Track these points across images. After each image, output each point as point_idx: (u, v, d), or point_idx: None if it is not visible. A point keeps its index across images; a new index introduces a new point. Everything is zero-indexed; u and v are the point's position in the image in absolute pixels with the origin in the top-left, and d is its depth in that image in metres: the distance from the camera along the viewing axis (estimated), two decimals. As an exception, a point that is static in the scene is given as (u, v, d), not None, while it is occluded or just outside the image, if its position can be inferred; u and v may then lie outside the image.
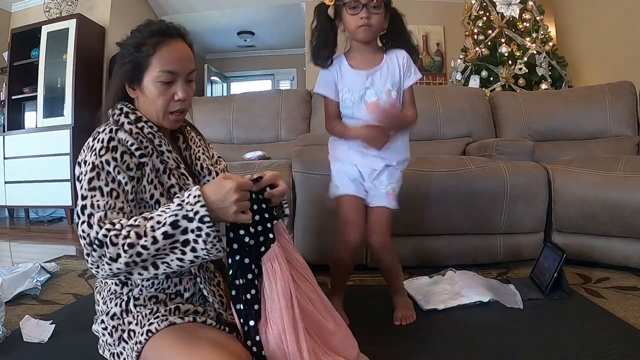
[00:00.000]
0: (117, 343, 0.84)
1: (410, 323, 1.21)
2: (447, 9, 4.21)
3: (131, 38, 0.87)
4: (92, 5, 3.95)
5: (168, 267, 0.74)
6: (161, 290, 0.88)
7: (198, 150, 1.01)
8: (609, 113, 2.38)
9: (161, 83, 0.85)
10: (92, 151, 0.82)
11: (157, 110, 0.88)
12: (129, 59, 0.86)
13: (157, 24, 0.88)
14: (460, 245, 1.72)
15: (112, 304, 0.86)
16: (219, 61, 6.56)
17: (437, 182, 1.63)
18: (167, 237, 0.71)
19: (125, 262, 0.71)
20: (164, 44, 0.85)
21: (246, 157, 2.11)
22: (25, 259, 2.14)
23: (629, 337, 1.07)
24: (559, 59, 3.40)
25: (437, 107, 2.43)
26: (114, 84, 0.90)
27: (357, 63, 1.15)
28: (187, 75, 0.88)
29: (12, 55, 3.77)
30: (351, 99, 1.14)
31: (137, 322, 0.82)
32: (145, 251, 0.71)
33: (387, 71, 1.14)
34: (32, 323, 1.20)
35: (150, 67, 0.84)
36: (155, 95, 0.86)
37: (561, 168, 1.74)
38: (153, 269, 0.74)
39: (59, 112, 3.57)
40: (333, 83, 1.16)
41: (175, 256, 0.73)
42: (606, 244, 1.65)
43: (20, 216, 4.02)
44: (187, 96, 0.88)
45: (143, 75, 0.86)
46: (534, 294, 1.36)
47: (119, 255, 0.71)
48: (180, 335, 0.78)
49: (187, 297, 0.90)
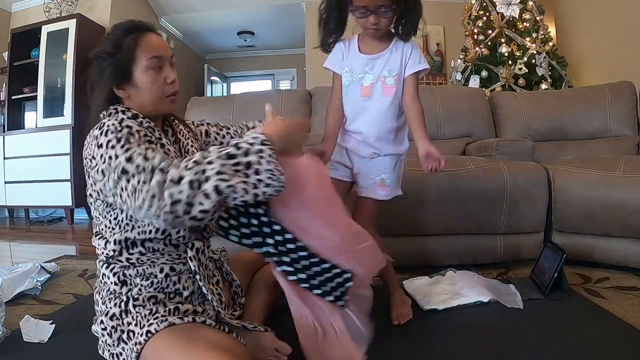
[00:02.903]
0: (117, 344, 0.84)
1: (408, 321, 1.21)
2: (447, 9, 4.21)
3: (105, 44, 0.89)
4: (92, 5, 3.95)
5: (233, 192, 0.70)
6: (160, 289, 0.88)
7: (187, 142, 1.03)
8: (609, 113, 2.38)
9: (153, 70, 0.89)
10: (106, 134, 0.80)
11: (153, 97, 0.90)
12: (110, 62, 0.88)
13: (126, 23, 0.91)
14: (460, 245, 1.72)
15: (111, 304, 0.86)
16: (219, 61, 6.56)
17: (437, 182, 1.63)
18: (230, 157, 0.72)
19: (189, 182, 0.69)
20: (142, 36, 0.89)
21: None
22: (25, 259, 2.14)
23: (629, 337, 1.07)
24: (559, 59, 3.40)
25: (437, 107, 2.43)
26: (100, 92, 0.90)
27: (364, 46, 1.16)
28: (170, 59, 0.93)
29: (12, 55, 3.77)
30: (349, 79, 1.15)
31: (137, 322, 0.82)
32: (210, 167, 0.70)
33: (389, 58, 1.13)
34: (32, 323, 1.19)
35: (137, 59, 0.88)
36: (149, 83, 0.89)
37: (561, 168, 1.74)
38: (215, 195, 0.69)
39: (59, 112, 3.57)
40: (340, 57, 1.17)
41: (239, 179, 0.71)
42: (606, 244, 1.65)
43: (20, 216, 4.03)
44: (176, 78, 0.93)
45: (132, 70, 0.88)
46: (534, 294, 1.36)
47: (181, 177, 0.69)
48: (180, 336, 0.78)
49: (187, 295, 0.90)
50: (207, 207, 0.70)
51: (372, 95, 1.12)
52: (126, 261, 0.88)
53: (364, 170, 1.18)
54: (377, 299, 1.37)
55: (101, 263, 0.92)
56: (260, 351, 0.94)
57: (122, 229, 0.87)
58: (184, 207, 0.69)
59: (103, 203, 0.87)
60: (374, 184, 1.17)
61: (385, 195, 1.18)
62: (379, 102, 1.12)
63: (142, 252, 0.88)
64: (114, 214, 0.87)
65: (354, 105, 1.14)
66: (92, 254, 2.31)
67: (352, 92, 1.14)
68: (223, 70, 6.50)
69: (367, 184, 1.18)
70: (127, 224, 0.87)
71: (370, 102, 1.13)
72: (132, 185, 0.72)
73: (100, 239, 0.90)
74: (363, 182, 1.18)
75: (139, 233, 0.86)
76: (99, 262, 0.93)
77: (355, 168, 1.19)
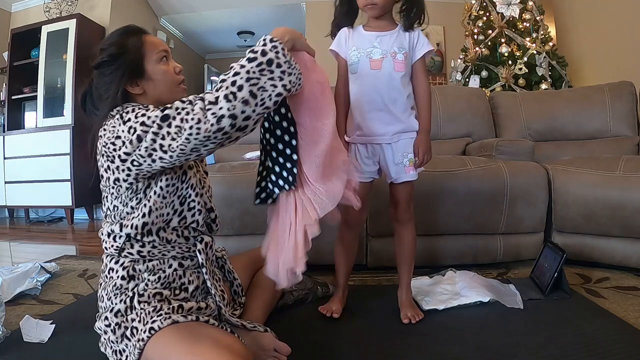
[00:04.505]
0: (120, 340, 0.84)
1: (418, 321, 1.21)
2: (447, 9, 4.21)
3: (106, 51, 0.92)
4: (92, 5, 3.95)
5: (264, 91, 0.77)
6: (166, 284, 0.90)
7: None
8: (609, 113, 2.38)
9: (163, 61, 0.95)
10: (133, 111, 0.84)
11: (169, 85, 0.96)
12: (119, 63, 0.91)
13: (122, 28, 0.96)
14: (460, 245, 1.72)
15: (116, 299, 0.87)
16: (219, 61, 6.56)
17: (437, 182, 1.63)
18: (251, 60, 0.78)
19: (224, 96, 0.75)
20: (143, 36, 0.95)
21: (246, 157, 2.11)
22: (25, 259, 2.14)
23: (629, 337, 1.07)
24: (559, 59, 3.40)
25: (437, 107, 2.43)
26: (112, 93, 0.91)
27: (370, 28, 1.19)
28: (170, 54, 1.00)
29: (12, 55, 3.77)
30: (357, 55, 1.17)
31: (140, 319, 0.83)
32: (239, 77, 0.76)
33: (397, 37, 1.16)
34: (32, 323, 1.19)
35: (146, 54, 0.93)
36: (163, 73, 0.95)
37: (561, 168, 1.74)
38: (252, 99, 0.76)
39: (59, 112, 3.57)
40: (344, 40, 1.20)
41: (266, 77, 0.77)
42: (606, 244, 1.65)
43: (20, 216, 4.03)
44: (182, 68, 1.01)
45: (144, 65, 0.93)
46: (534, 294, 1.36)
47: (217, 97, 0.75)
48: (183, 334, 0.78)
49: (192, 290, 0.93)
50: (248, 112, 0.76)
51: (383, 68, 1.15)
52: (137, 254, 0.90)
53: (390, 157, 1.20)
54: (377, 299, 1.38)
55: (109, 257, 0.92)
56: (260, 351, 0.94)
57: (141, 212, 0.88)
58: (228, 120, 0.75)
59: (128, 189, 0.87)
60: (403, 167, 1.20)
61: (414, 175, 1.22)
62: (390, 76, 1.15)
63: (154, 243, 0.90)
64: (137, 198, 0.89)
65: (366, 78, 1.16)
66: (92, 254, 2.33)
67: (362, 67, 1.16)
68: (223, 70, 6.38)
69: (398, 170, 1.20)
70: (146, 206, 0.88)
71: (381, 75, 1.15)
72: (175, 126, 0.77)
73: (115, 226, 0.90)
74: (393, 169, 1.21)
75: (157, 217, 0.89)
76: (106, 256, 0.93)
77: (382, 160, 1.21)
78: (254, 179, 1.04)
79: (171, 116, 0.78)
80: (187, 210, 0.95)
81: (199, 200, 0.96)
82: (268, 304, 1.17)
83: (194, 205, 0.95)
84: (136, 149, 0.80)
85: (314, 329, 1.18)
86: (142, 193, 0.88)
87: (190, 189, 0.94)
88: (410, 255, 1.29)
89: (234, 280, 1.11)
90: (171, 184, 0.90)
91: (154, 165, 0.82)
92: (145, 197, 0.88)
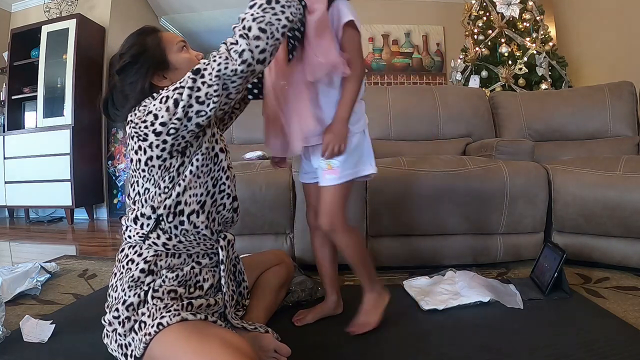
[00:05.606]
0: (128, 334, 0.84)
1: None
2: (447, 9, 4.21)
3: (127, 54, 0.95)
4: (92, 5, 3.95)
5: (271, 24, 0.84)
6: (183, 282, 0.91)
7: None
8: (609, 113, 2.38)
9: (184, 50, 1.00)
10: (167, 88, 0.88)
11: None
12: (143, 60, 0.95)
13: (137, 31, 1.00)
14: (461, 245, 1.72)
15: (130, 292, 0.87)
16: (219, 61, 6.56)
17: (437, 182, 1.63)
18: (253, 5, 0.85)
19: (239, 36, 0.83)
20: (159, 33, 1.00)
21: (246, 157, 2.11)
22: (25, 259, 2.14)
23: (629, 337, 1.07)
24: (559, 59, 3.40)
25: (437, 107, 2.43)
26: (139, 88, 0.94)
27: None
28: (188, 44, 1.04)
29: (12, 55, 3.77)
30: None
31: (150, 314, 0.83)
32: (247, 20, 0.84)
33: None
34: (32, 323, 1.19)
35: (167, 47, 0.98)
36: (187, 60, 0.99)
37: (561, 168, 1.74)
38: (263, 34, 0.83)
39: (59, 112, 3.57)
40: None
41: (269, 14, 0.85)
42: (606, 244, 1.65)
43: (20, 216, 4.03)
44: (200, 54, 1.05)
45: (167, 57, 0.97)
46: (534, 294, 1.36)
47: (236, 40, 0.83)
48: (192, 332, 0.78)
49: (207, 287, 0.95)
50: (263, 45, 0.84)
51: None
52: (162, 246, 0.91)
53: (314, 158, 1.12)
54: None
55: (131, 247, 0.92)
56: (259, 352, 0.94)
57: (175, 192, 0.90)
58: (248, 53, 0.83)
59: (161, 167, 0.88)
60: (322, 170, 1.08)
61: (335, 179, 1.06)
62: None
63: (181, 236, 0.92)
64: (170, 177, 0.90)
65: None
66: (92, 254, 2.32)
67: None
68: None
69: (319, 173, 1.10)
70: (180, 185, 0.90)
71: None
72: (208, 74, 0.84)
73: (145, 209, 0.90)
74: (317, 172, 1.12)
75: (190, 196, 0.91)
76: (128, 246, 0.93)
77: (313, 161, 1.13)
78: (254, 179, 1.04)
79: (202, 68, 0.84)
80: (219, 192, 0.99)
81: (229, 184, 1.01)
82: (270, 306, 1.18)
83: (224, 189, 1.00)
84: (173, 116, 0.84)
85: (314, 330, 1.18)
86: (175, 172, 0.90)
87: (222, 172, 0.98)
88: (352, 261, 1.15)
89: (242, 282, 1.11)
90: (205, 164, 0.94)
91: (190, 126, 0.85)
92: (178, 176, 0.91)
